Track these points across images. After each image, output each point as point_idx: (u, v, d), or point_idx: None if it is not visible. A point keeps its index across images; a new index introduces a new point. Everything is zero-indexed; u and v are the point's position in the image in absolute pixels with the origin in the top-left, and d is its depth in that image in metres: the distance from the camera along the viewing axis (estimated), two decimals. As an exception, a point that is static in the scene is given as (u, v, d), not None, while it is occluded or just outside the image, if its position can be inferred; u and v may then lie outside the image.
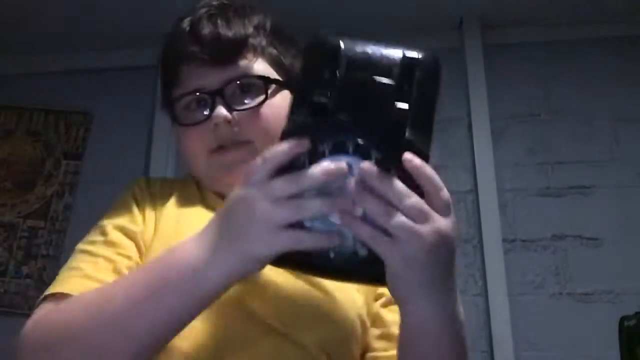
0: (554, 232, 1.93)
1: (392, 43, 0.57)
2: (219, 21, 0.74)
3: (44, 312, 0.63)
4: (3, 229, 2.16)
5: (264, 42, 0.76)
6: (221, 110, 0.71)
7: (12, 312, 2.02)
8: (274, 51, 0.77)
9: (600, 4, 2.05)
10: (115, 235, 0.70)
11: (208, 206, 0.75)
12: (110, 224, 0.71)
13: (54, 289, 0.65)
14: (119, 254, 0.68)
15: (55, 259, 2.07)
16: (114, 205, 0.75)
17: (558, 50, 2.13)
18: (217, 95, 0.72)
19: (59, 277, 0.67)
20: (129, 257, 0.68)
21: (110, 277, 0.65)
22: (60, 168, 2.23)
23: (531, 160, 2.02)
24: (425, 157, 0.51)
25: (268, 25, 0.78)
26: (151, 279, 0.55)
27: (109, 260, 0.67)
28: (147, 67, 2.27)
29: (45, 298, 0.65)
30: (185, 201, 0.75)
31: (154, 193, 0.76)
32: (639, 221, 1.90)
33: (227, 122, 0.71)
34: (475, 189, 1.98)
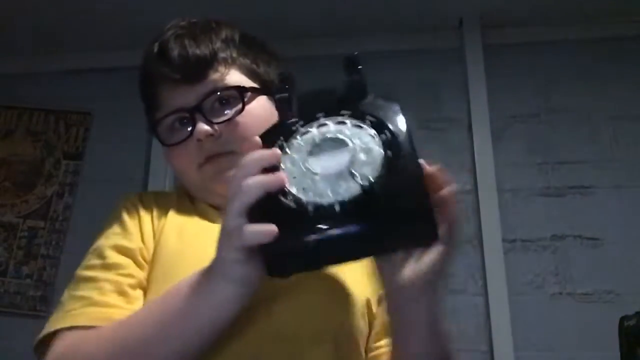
0: (554, 232, 1.93)
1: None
2: (186, 41, 0.75)
3: (62, 349, 0.63)
4: (3, 229, 2.16)
5: (234, 54, 0.78)
6: (202, 126, 0.73)
7: (12, 312, 2.02)
8: (246, 60, 0.79)
9: (600, 4, 2.05)
10: (112, 256, 0.70)
11: (203, 218, 0.76)
12: (105, 245, 0.71)
13: (64, 322, 0.64)
14: (120, 274, 0.69)
15: (55, 259, 2.07)
16: (107, 223, 0.76)
17: (558, 50, 2.13)
18: (196, 112, 0.73)
19: (67, 308, 0.67)
20: (130, 276, 0.69)
21: (116, 300, 0.66)
22: (60, 168, 2.23)
23: (531, 160, 2.02)
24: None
25: (237, 36, 0.80)
26: (163, 313, 0.58)
27: (112, 282, 0.68)
28: (147, 67, 2.28)
29: (56, 331, 0.65)
30: (183, 214, 0.76)
31: (149, 208, 0.77)
32: (639, 221, 1.90)
33: (210, 135, 0.73)
34: (475, 189, 1.98)
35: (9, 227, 2.16)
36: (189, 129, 0.74)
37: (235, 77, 0.77)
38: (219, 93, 0.74)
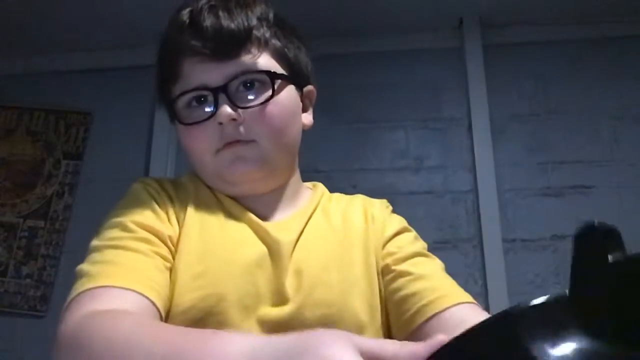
0: (554, 232, 1.93)
1: None
2: (220, 12, 0.69)
3: (90, 309, 0.55)
4: (3, 229, 2.16)
5: (267, 34, 0.72)
6: (226, 109, 0.67)
7: (12, 312, 2.02)
8: (278, 43, 0.74)
9: (600, 4, 2.05)
10: (144, 234, 0.64)
11: (227, 212, 0.72)
12: (131, 222, 0.65)
13: (96, 281, 0.57)
14: (157, 253, 0.63)
15: (55, 259, 2.07)
16: (126, 203, 0.69)
17: (558, 50, 2.13)
18: (220, 92, 0.68)
19: (95, 271, 0.59)
20: (165, 259, 0.63)
21: (156, 275, 0.60)
22: (60, 168, 2.23)
23: (531, 160, 2.02)
24: None
25: (271, 15, 0.75)
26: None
27: (148, 255, 0.61)
28: (147, 67, 2.27)
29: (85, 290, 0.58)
30: (203, 207, 0.71)
31: (171, 195, 0.72)
32: (639, 221, 1.90)
33: (233, 120, 0.68)
34: (475, 189, 1.98)
35: (9, 227, 2.16)
36: (208, 109, 0.69)
37: (266, 61, 0.71)
38: (248, 76, 0.69)
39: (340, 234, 0.74)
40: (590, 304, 0.36)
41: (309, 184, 0.84)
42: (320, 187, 0.84)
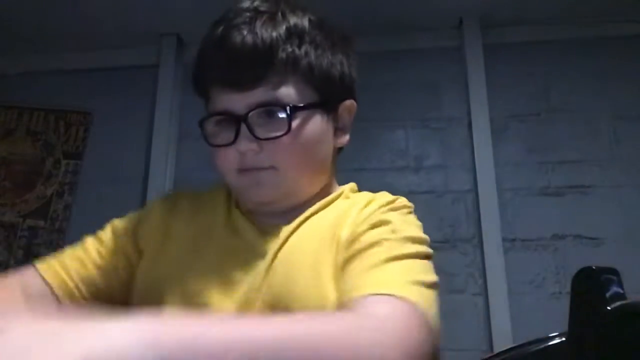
0: (554, 231, 1.93)
1: None
2: (245, 34, 0.69)
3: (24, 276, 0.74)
4: (3, 229, 2.16)
5: (297, 52, 0.71)
6: (244, 142, 0.70)
7: (12, 312, 2.02)
8: (307, 60, 0.72)
9: (600, 4, 2.05)
10: (106, 234, 0.77)
11: (232, 231, 0.75)
12: (113, 224, 0.78)
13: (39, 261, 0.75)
14: (97, 251, 0.76)
15: (55, 258, 2.07)
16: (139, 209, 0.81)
17: (558, 50, 2.13)
18: (241, 122, 0.70)
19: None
20: (101, 257, 0.75)
21: (74, 264, 0.75)
22: (60, 168, 2.23)
23: (531, 160, 2.02)
24: None
25: (305, 24, 0.74)
26: None
27: (84, 250, 0.75)
28: (147, 67, 2.28)
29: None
30: (211, 218, 0.77)
31: (172, 210, 0.80)
32: (639, 221, 1.90)
33: (251, 150, 0.70)
34: (475, 189, 1.98)
35: (9, 226, 2.16)
36: (231, 134, 0.71)
37: (288, 90, 0.71)
38: (268, 107, 0.70)
39: (326, 234, 0.72)
40: (588, 349, 0.36)
41: (341, 188, 0.82)
42: (343, 189, 0.82)
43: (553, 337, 0.42)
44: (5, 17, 2.15)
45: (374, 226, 0.69)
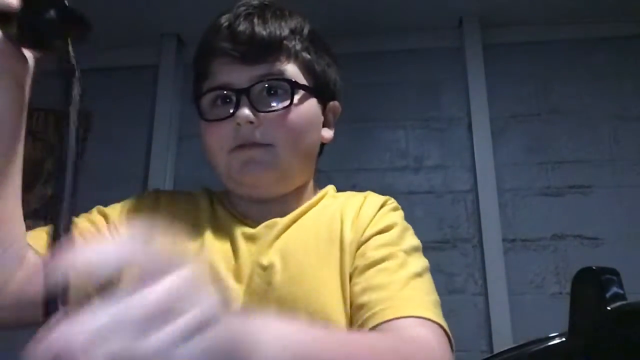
0: (554, 231, 1.93)
1: None
2: (256, 20, 0.73)
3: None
4: (3, 229, 2.16)
5: (298, 47, 0.75)
6: (245, 111, 0.70)
7: (12, 312, 2.02)
8: (307, 57, 0.76)
9: (600, 4, 2.05)
10: (94, 214, 0.78)
11: (217, 224, 0.75)
12: (98, 208, 0.78)
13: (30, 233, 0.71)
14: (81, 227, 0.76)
15: (55, 258, 2.07)
16: (129, 199, 0.79)
17: (558, 50, 2.13)
18: (243, 94, 0.71)
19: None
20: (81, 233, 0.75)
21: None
22: (60, 168, 2.23)
23: (531, 160, 2.02)
24: None
25: (305, 30, 0.78)
26: None
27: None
28: (147, 67, 2.28)
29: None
30: (193, 218, 0.76)
31: (152, 207, 0.78)
32: (639, 221, 1.90)
33: (250, 122, 0.70)
34: (475, 189, 1.98)
35: (9, 227, 2.16)
36: (231, 110, 0.71)
37: (292, 71, 0.74)
38: (271, 81, 0.72)
39: (324, 234, 0.73)
40: (588, 349, 0.37)
41: (325, 188, 0.84)
42: (327, 189, 0.84)
43: (553, 337, 0.43)
44: (5, 17, 2.15)
45: (381, 231, 0.72)
